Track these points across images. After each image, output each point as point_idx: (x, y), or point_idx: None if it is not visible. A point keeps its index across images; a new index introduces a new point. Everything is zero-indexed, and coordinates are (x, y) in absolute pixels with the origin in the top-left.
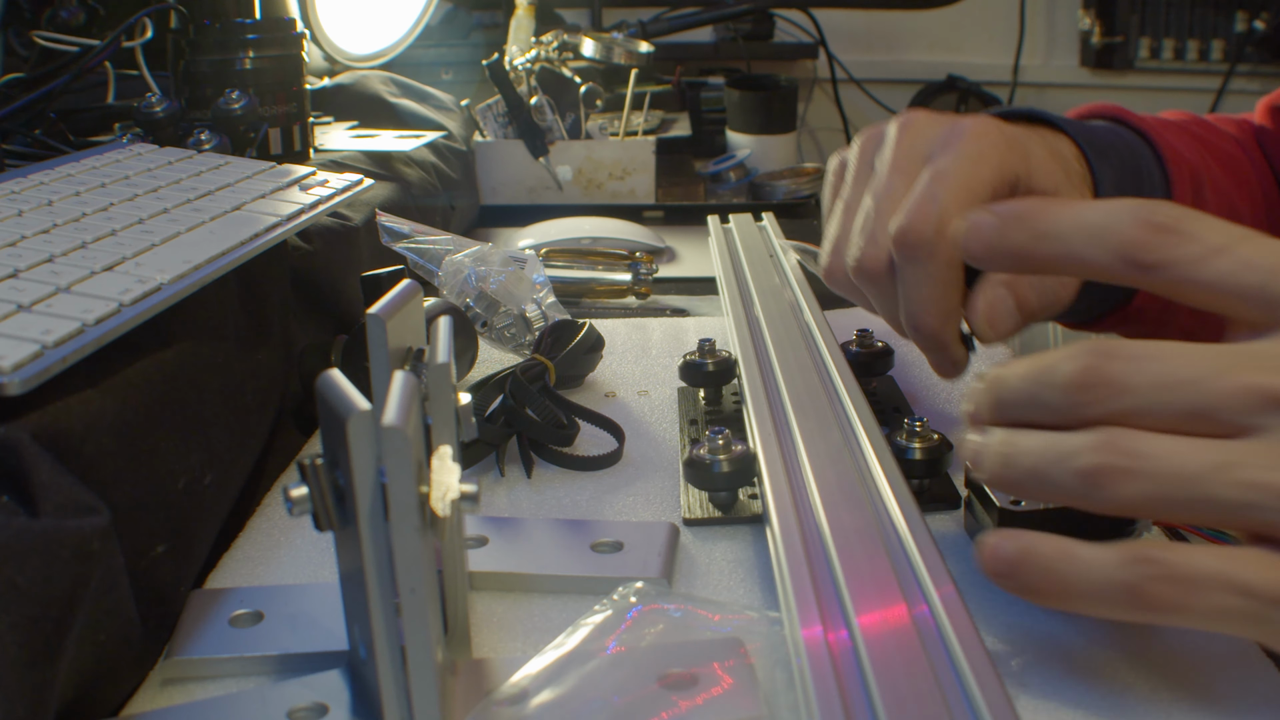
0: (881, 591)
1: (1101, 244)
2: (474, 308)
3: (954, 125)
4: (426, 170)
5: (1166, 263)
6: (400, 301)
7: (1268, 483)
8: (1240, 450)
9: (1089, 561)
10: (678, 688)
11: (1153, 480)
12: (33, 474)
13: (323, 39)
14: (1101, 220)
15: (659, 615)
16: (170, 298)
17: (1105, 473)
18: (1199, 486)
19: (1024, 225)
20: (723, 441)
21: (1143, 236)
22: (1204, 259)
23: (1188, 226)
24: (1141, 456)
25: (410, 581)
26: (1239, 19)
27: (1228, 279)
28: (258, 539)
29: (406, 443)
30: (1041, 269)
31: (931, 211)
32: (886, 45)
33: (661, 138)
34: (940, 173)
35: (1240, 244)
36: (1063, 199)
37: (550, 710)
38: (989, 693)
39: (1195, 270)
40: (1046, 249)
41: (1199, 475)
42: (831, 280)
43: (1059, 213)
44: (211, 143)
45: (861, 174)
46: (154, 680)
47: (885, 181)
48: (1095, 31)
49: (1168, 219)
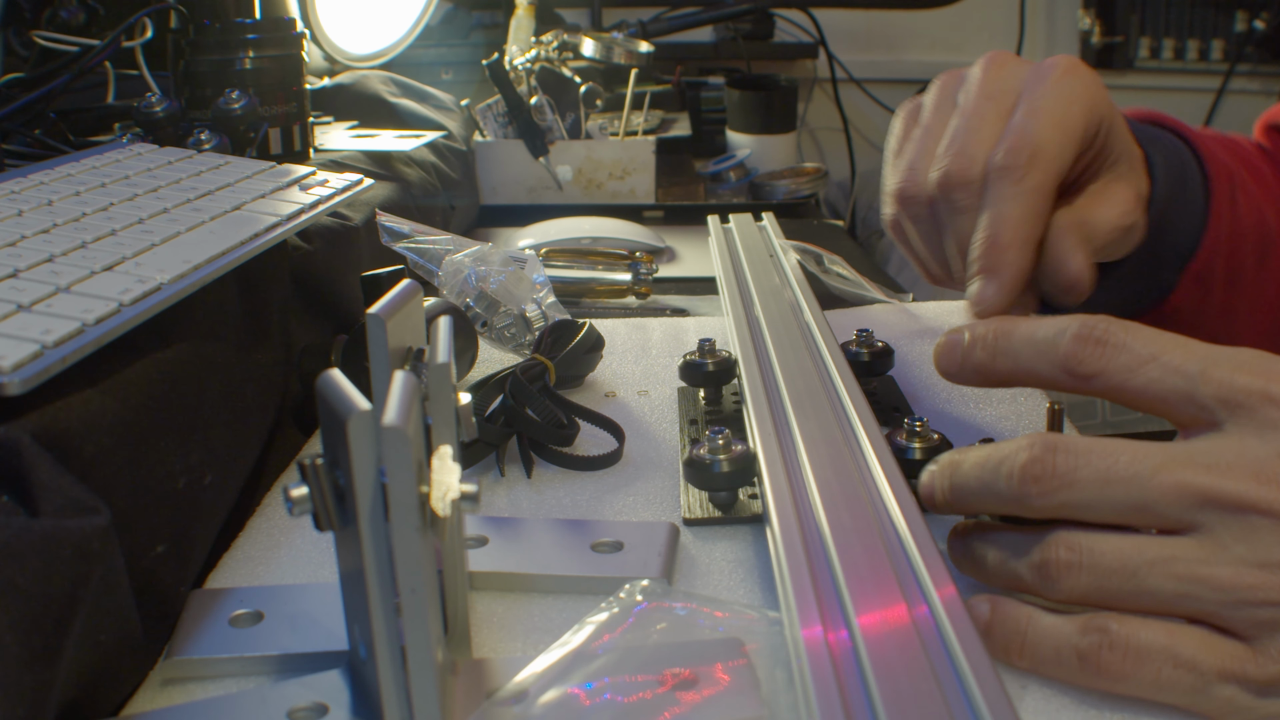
0: (881, 591)
1: (1047, 359)
2: (474, 308)
3: (1042, 62)
4: (426, 170)
5: (1100, 373)
6: (400, 301)
7: (1203, 576)
8: (1176, 546)
9: (1049, 628)
10: (681, 687)
11: (1096, 573)
12: (33, 474)
13: (323, 39)
14: (1046, 336)
15: (664, 613)
16: (170, 298)
17: (1053, 565)
18: (1140, 580)
19: (984, 344)
20: (723, 441)
21: (1079, 350)
22: (1133, 368)
23: (1119, 338)
24: (1085, 551)
25: (410, 581)
26: (1239, 19)
27: (1155, 385)
28: (258, 539)
29: (407, 443)
30: (1002, 382)
31: (1031, 136)
32: (886, 45)
33: (661, 138)
34: (1035, 108)
35: (1167, 351)
36: (1019, 318)
37: (554, 710)
38: (989, 693)
39: (1127, 379)
40: (1003, 365)
41: (1139, 569)
42: (903, 198)
43: (1014, 330)
44: (211, 143)
45: (943, 106)
46: (154, 680)
47: (975, 105)
48: (1095, 31)
49: (1102, 332)
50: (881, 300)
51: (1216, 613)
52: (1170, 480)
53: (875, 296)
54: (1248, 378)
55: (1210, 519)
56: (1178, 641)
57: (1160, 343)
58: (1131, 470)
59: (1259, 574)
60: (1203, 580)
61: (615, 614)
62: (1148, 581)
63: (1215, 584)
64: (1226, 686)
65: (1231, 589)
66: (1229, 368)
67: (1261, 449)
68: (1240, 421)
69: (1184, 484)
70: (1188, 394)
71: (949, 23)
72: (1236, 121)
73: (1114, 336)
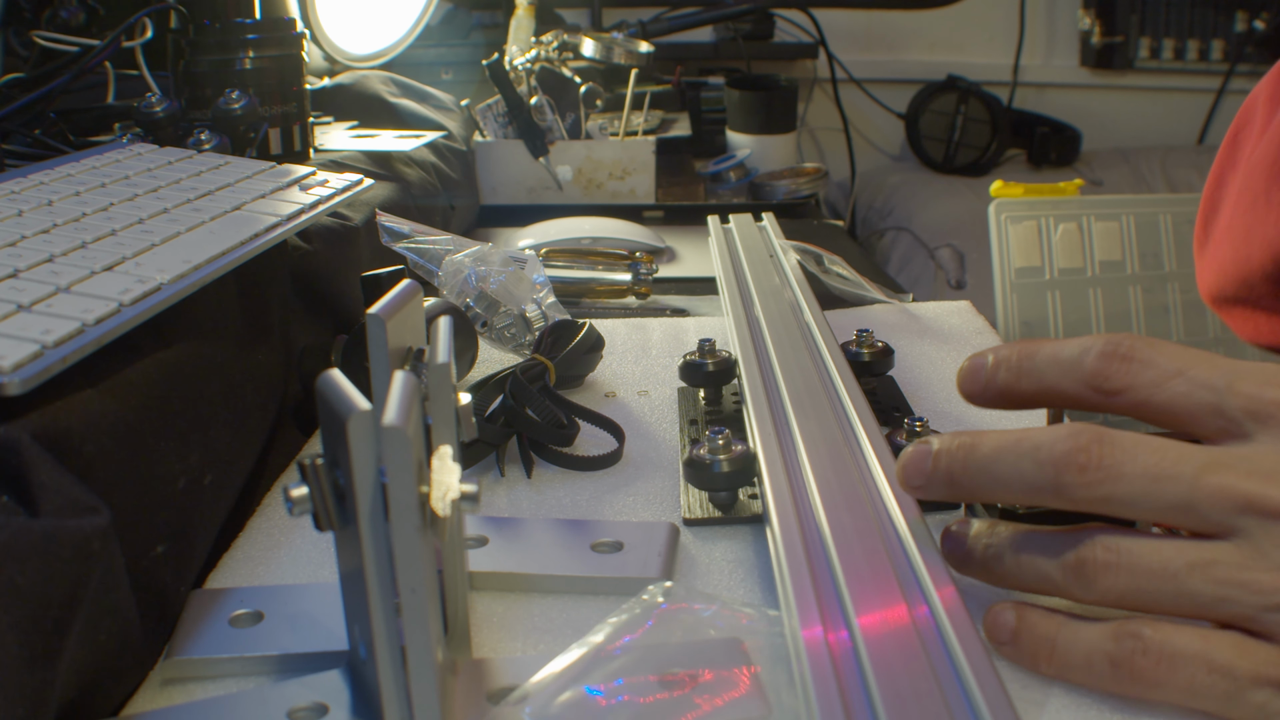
0: (881, 591)
1: (1072, 376)
2: (474, 308)
3: None
4: (426, 170)
5: (1127, 388)
6: (400, 301)
7: (1241, 580)
8: (1216, 550)
9: (1079, 633)
10: (700, 689)
11: (1134, 574)
12: (33, 474)
13: (323, 39)
14: (1071, 355)
15: (686, 614)
16: (170, 298)
17: (1091, 565)
18: (1179, 583)
19: (1008, 366)
20: (723, 441)
21: (1105, 367)
22: (1160, 383)
23: (1145, 354)
24: (1124, 552)
25: (410, 581)
26: (1239, 19)
27: (1182, 399)
28: (258, 539)
29: (407, 443)
30: (1026, 404)
31: None
32: (886, 45)
33: (661, 138)
34: None
35: (1193, 366)
36: (1041, 339)
37: (571, 710)
38: (989, 693)
39: (1153, 393)
40: (1027, 385)
41: (1179, 572)
42: None
43: (1037, 351)
44: (211, 143)
45: None
46: (154, 680)
47: None
48: (1095, 31)
49: (1128, 349)
50: (881, 300)
51: (1254, 617)
52: (1216, 482)
53: (875, 296)
54: (1277, 390)
55: (1250, 525)
56: (1212, 647)
57: (1186, 357)
58: (1178, 469)
59: None
60: (1243, 585)
61: (636, 615)
62: (1188, 584)
63: (1255, 588)
64: (1261, 692)
65: (1272, 593)
66: (1256, 382)
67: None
68: (1272, 431)
69: (1229, 487)
70: (1215, 407)
71: (949, 23)
72: None
73: (1139, 352)
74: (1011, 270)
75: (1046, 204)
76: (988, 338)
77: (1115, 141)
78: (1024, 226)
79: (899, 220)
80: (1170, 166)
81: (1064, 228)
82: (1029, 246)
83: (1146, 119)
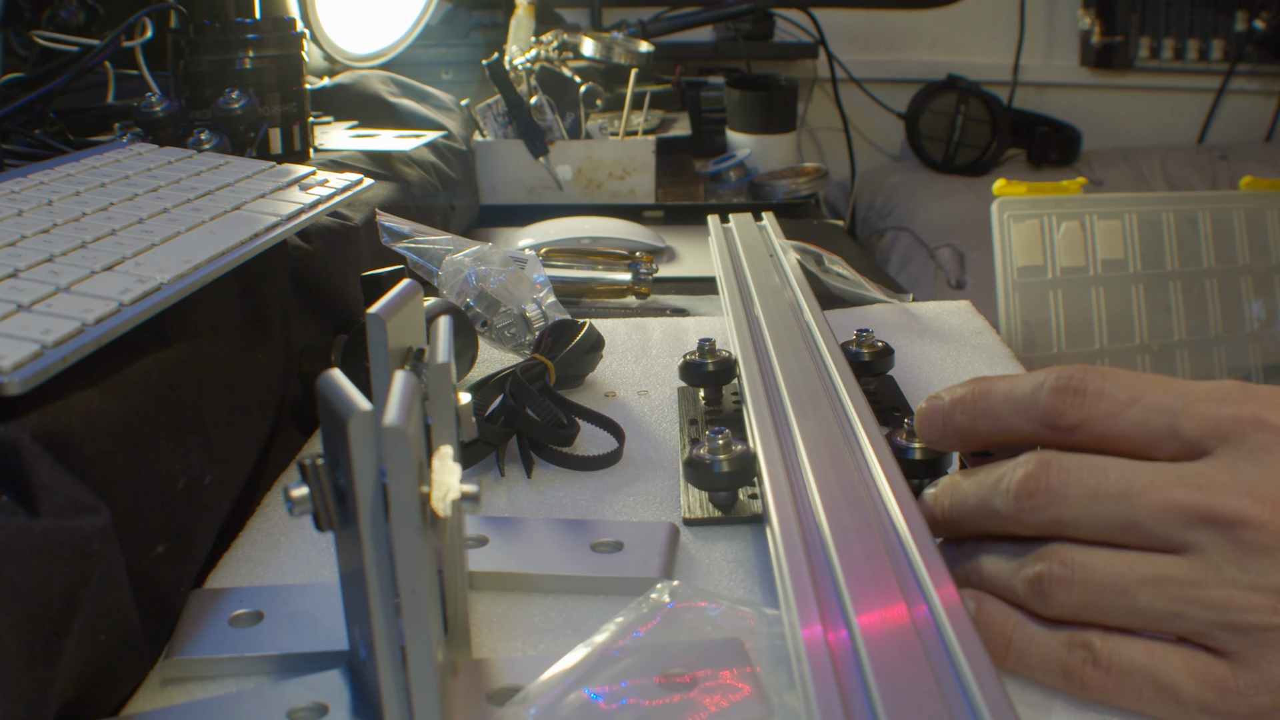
0: (881, 591)
1: (1027, 416)
2: (474, 308)
3: None
4: (426, 170)
5: (1082, 423)
6: (400, 301)
7: (1192, 597)
8: (1169, 565)
9: (1034, 637)
10: (706, 691)
11: (1086, 589)
12: (33, 474)
13: (323, 39)
14: (1024, 392)
15: (692, 614)
16: (170, 298)
17: (1046, 579)
18: (1130, 597)
19: (963, 407)
20: (723, 441)
21: (1059, 404)
22: (1115, 414)
23: (1097, 385)
24: (1078, 567)
25: (410, 581)
26: (1239, 19)
27: (1139, 427)
28: (258, 539)
29: (407, 443)
30: (986, 445)
31: None
32: (886, 45)
33: (661, 138)
34: None
35: (1147, 392)
36: (996, 376)
37: (576, 712)
38: (989, 693)
39: (1110, 425)
40: (984, 426)
41: (1130, 586)
42: None
43: (991, 390)
44: (211, 143)
45: None
46: (154, 680)
47: None
48: (1095, 31)
49: (1079, 382)
50: (881, 300)
51: (1207, 633)
52: (1158, 499)
53: (875, 296)
54: (1234, 408)
55: (1203, 538)
56: (1160, 664)
57: (1139, 384)
58: (1120, 487)
59: (1251, 596)
60: (1194, 601)
61: (642, 614)
62: (1139, 599)
63: (1206, 604)
64: (1205, 717)
65: (1223, 609)
66: (1211, 400)
67: (1254, 470)
68: (1233, 446)
69: (1172, 502)
70: (1171, 429)
71: (949, 23)
72: (1236, 121)
73: (1091, 384)
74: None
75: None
76: (987, 337)
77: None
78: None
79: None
80: (1170, 166)
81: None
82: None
83: (1146, 119)
